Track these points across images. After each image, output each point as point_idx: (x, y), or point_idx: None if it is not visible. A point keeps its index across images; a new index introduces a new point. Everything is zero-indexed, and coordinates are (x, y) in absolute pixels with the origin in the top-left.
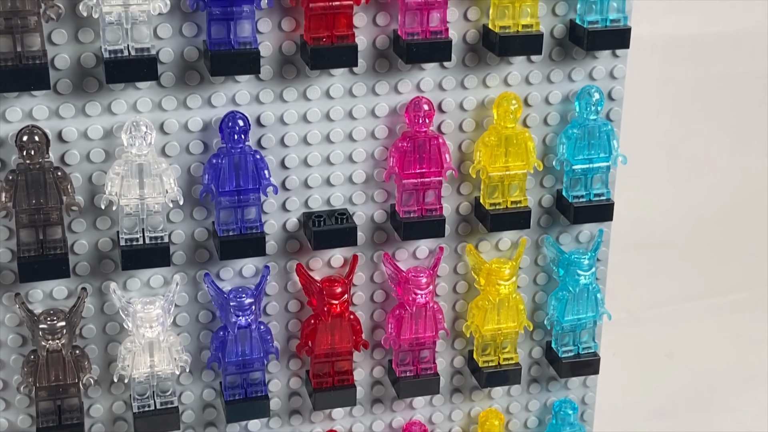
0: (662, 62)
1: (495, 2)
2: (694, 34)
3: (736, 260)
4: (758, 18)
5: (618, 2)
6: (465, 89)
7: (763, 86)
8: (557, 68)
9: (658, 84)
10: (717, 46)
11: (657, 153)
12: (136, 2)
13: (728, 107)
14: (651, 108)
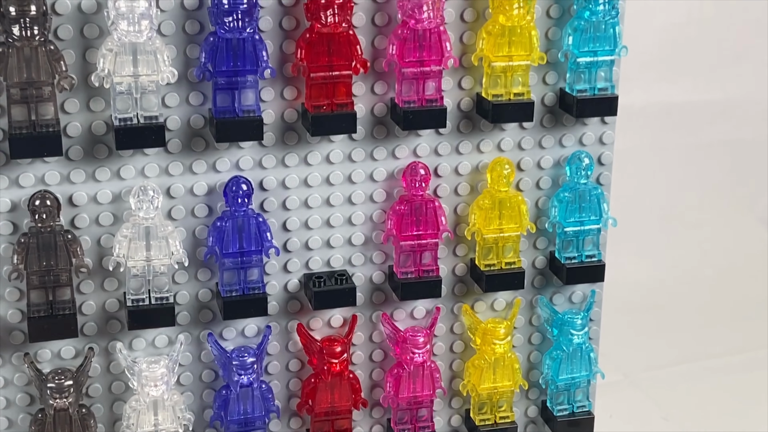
0: (655, 129)
1: (488, 72)
2: (685, 101)
3: (731, 323)
4: (748, 86)
5: (605, 72)
6: (460, 154)
7: (753, 152)
8: (548, 134)
9: (652, 150)
10: (708, 114)
11: (652, 217)
12: (145, 73)
13: (720, 173)
14: (645, 173)
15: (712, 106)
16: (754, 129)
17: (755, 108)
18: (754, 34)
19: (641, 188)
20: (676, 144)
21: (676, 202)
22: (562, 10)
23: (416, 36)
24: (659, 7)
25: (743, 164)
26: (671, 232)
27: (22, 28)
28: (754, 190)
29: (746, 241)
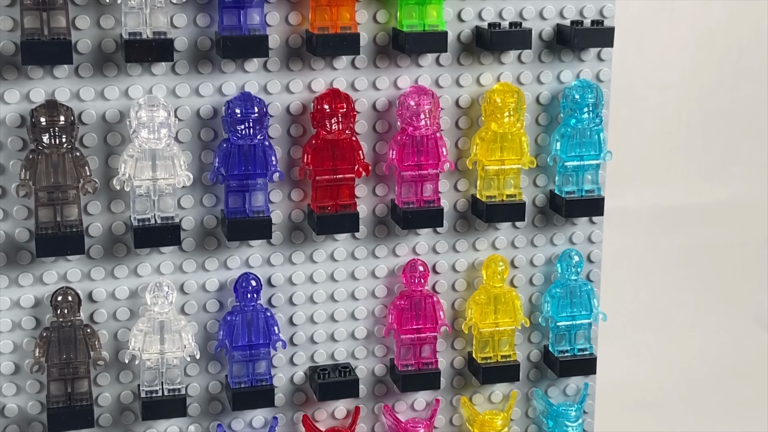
0: (648, 231)
1: (482, 175)
2: (677, 204)
3: (727, 424)
4: (737, 190)
5: (592, 175)
6: (456, 252)
7: (744, 254)
8: (540, 233)
9: (645, 251)
10: (699, 217)
11: (647, 317)
12: (163, 177)
13: (712, 274)
14: (640, 274)
15: (702, 209)
16: (744, 231)
17: (745, 211)
18: (741, 140)
19: (636, 289)
20: (668, 246)
21: (670, 303)
22: (550, 117)
23: (414, 142)
24: (649, 113)
25: (735, 266)
26: (666, 332)
27: (52, 136)
28: (747, 291)
29: (741, 342)
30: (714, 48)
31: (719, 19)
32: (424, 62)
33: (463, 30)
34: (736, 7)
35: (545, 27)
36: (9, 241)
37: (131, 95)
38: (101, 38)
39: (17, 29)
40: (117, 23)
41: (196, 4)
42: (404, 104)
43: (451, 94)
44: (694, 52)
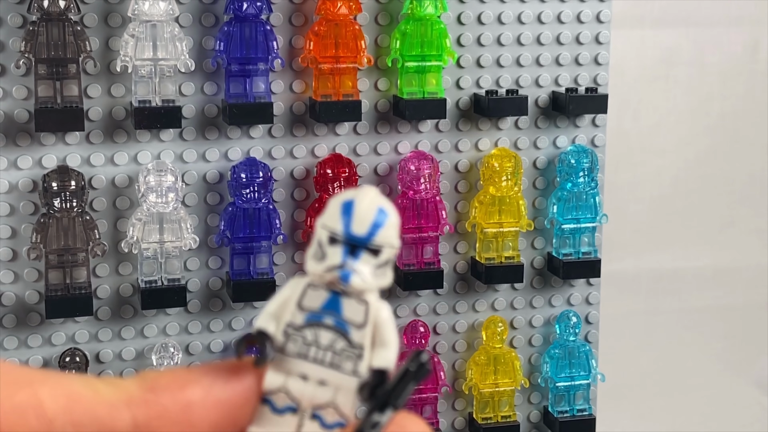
0: (647, 295)
1: (480, 237)
2: (676, 268)
3: None
4: (735, 254)
5: (588, 237)
6: (456, 313)
7: (744, 318)
8: (538, 295)
9: (645, 315)
10: (698, 280)
11: (647, 380)
12: (169, 240)
13: (713, 338)
14: (639, 338)
15: (701, 272)
16: (744, 295)
17: (745, 275)
18: (739, 204)
19: (636, 352)
20: (668, 309)
21: (670, 366)
22: (547, 181)
23: (415, 205)
24: (648, 178)
25: (735, 330)
26: (666, 395)
27: (63, 201)
28: (747, 355)
29: (742, 406)
30: (710, 114)
31: (714, 85)
32: (424, 128)
33: (462, 97)
34: (730, 74)
35: (541, 94)
36: (19, 303)
37: (140, 160)
38: (112, 106)
39: (31, 98)
40: (127, 91)
41: (204, 73)
42: (405, 169)
43: (450, 158)
44: (690, 118)
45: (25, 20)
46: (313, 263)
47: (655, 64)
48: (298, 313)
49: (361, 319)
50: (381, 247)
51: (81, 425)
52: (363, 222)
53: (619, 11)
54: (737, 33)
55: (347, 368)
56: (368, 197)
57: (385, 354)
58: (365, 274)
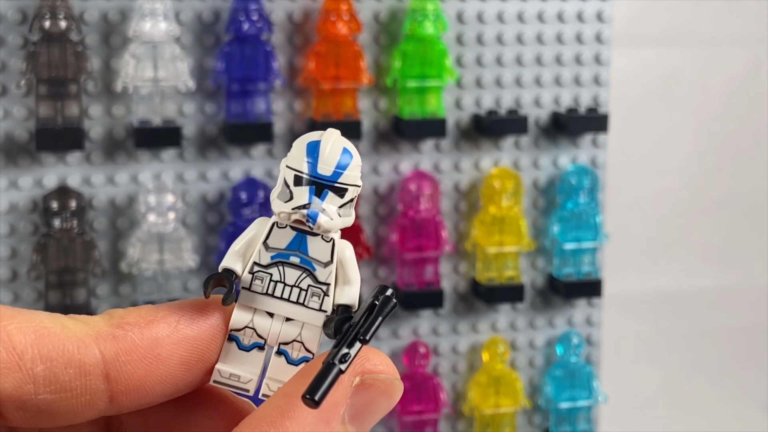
0: (651, 316)
1: (481, 257)
2: (679, 289)
3: None
4: (739, 275)
5: (589, 257)
6: (457, 334)
7: (749, 340)
8: (540, 315)
9: (648, 336)
10: (702, 301)
11: (651, 402)
12: (169, 260)
13: (717, 360)
14: (642, 359)
15: (704, 293)
16: (748, 316)
17: (748, 296)
18: (742, 225)
19: (639, 373)
20: (671, 330)
21: (673, 387)
22: (548, 201)
23: (415, 225)
24: (650, 198)
25: (740, 351)
26: (669, 416)
27: (63, 221)
28: (751, 377)
29: (745, 427)
30: (712, 134)
31: (716, 105)
32: (425, 148)
33: (462, 117)
34: (732, 93)
35: (542, 114)
36: None
37: (140, 180)
38: (112, 126)
39: (31, 118)
40: (128, 111)
41: (204, 93)
42: (405, 188)
43: (450, 178)
44: (692, 138)
45: (26, 41)
46: (280, 203)
47: (657, 84)
48: (264, 252)
49: (327, 258)
50: (346, 187)
51: (49, 359)
52: (328, 162)
53: (621, 31)
54: (739, 53)
55: (313, 305)
56: (332, 138)
57: (349, 291)
58: (332, 213)
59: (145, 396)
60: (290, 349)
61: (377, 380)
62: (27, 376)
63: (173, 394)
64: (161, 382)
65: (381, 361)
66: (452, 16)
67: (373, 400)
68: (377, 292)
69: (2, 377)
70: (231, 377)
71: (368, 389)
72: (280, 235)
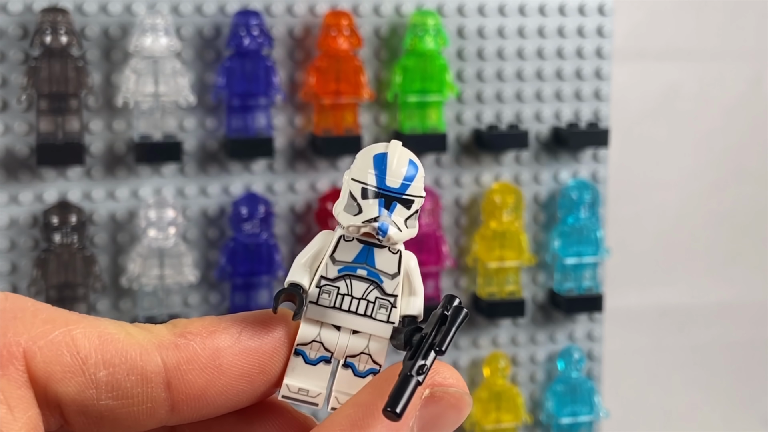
0: (652, 331)
1: (482, 272)
2: (680, 304)
3: None
4: (741, 289)
5: (590, 272)
6: (459, 349)
7: (750, 354)
8: (540, 330)
9: (650, 351)
10: (703, 316)
11: (653, 417)
12: (170, 275)
13: (718, 374)
14: (643, 373)
15: (706, 308)
16: (749, 331)
17: (749, 311)
18: (743, 240)
19: (641, 388)
20: (673, 345)
21: (675, 402)
22: (549, 216)
23: (416, 240)
24: (651, 213)
25: (741, 366)
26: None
27: (63, 236)
28: (753, 392)
29: None
30: (713, 149)
31: (717, 120)
32: (426, 163)
33: (463, 131)
34: (733, 108)
35: (542, 128)
36: None
37: (141, 195)
38: (113, 141)
39: (32, 133)
40: (128, 126)
41: (205, 108)
42: None
43: (451, 193)
44: (693, 152)
45: (27, 56)
46: (348, 216)
47: (658, 98)
48: (331, 265)
49: (394, 269)
50: (413, 199)
51: (112, 365)
52: (396, 175)
53: (621, 45)
54: (739, 67)
55: (381, 317)
56: (398, 150)
57: (415, 301)
58: (400, 225)
59: (206, 406)
60: (357, 361)
61: (447, 393)
62: (89, 380)
63: (235, 406)
64: (222, 393)
65: (451, 375)
66: (453, 31)
67: (442, 414)
68: (446, 302)
69: (66, 381)
70: (300, 392)
71: (438, 402)
72: (346, 248)
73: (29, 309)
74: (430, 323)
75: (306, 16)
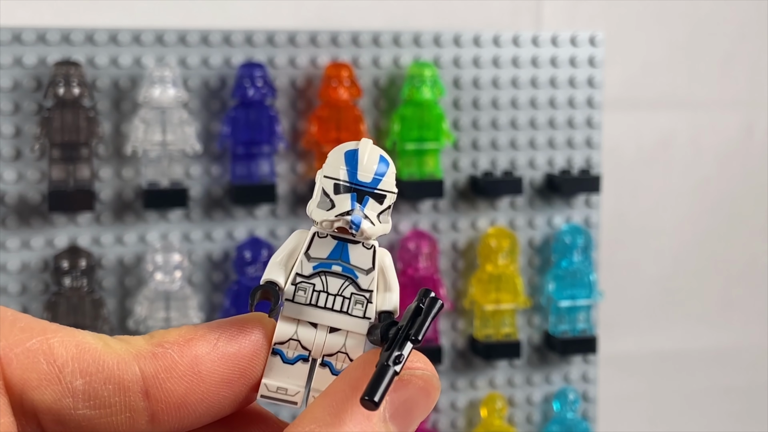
0: (650, 376)
1: (479, 314)
2: (679, 349)
3: None
4: (738, 334)
5: (584, 315)
6: (456, 390)
7: (748, 399)
8: (536, 371)
9: (649, 397)
10: (701, 361)
11: None
12: (175, 317)
13: (717, 420)
14: (641, 418)
15: (703, 353)
16: (746, 376)
17: (746, 356)
18: (738, 285)
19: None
20: (670, 390)
21: None
22: (543, 260)
23: (414, 282)
24: (647, 259)
25: (739, 412)
26: None
27: (73, 279)
28: None
29: None
30: (707, 196)
31: (711, 167)
32: (423, 208)
33: (459, 178)
34: (726, 156)
35: (536, 175)
36: None
37: (148, 240)
38: (122, 188)
39: (44, 180)
40: (136, 174)
41: (210, 156)
42: (405, 247)
43: (448, 237)
44: (688, 199)
45: (40, 107)
46: (321, 212)
47: (651, 146)
48: (306, 262)
49: (369, 264)
50: (385, 193)
51: (89, 374)
52: (368, 169)
53: (614, 94)
54: (732, 116)
55: (357, 312)
56: (369, 146)
57: (390, 297)
58: (373, 219)
59: (187, 415)
60: (335, 360)
61: (414, 376)
62: (66, 389)
63: (217, 413)
64: (203, 401)
65: (419, 359)
66: (449, 82)
67: (411, 398)
68: (421, 296)
69: (42, 389)
70: (278, 390)
71: (406, 385)
72: (321, 244)
73: (8, 318)
74: (406, 316)
75: (308, 67)
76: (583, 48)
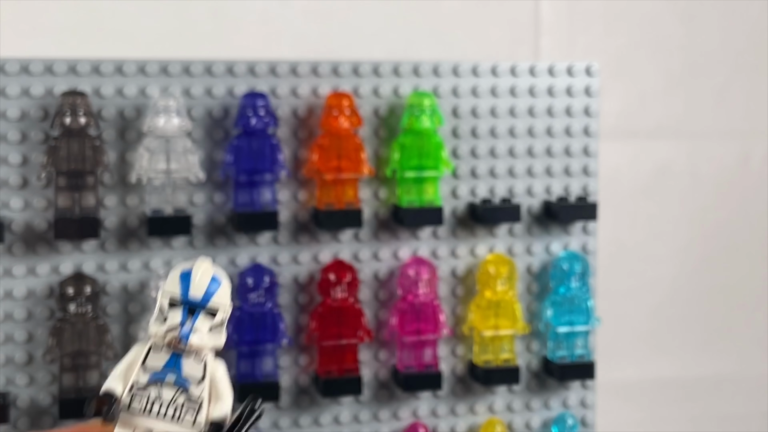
0: (649, 404)
1: (477, 340)
2: (677, 377)
3: None
4: (737, 362)
5: (582, 341)
6: (456, 416)
7: (748, 427)
8: (535, 397)
9: (650, 425)
10: (700, 389)
11: None
12: None
13: None
14: None
15: (702, 381)
16: (745, 404)
17: (745, 384)
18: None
19: None
20: (669, 418)
21: None
22: (541, 286)
23: (414, 309)
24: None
25: None
26: None
27: (78, 305)
28: None
29: None
30: (705, 224)
31: (708, 196)
32: (423, 235)
33: (458, 205)
34: (724, 185)
35: (533, 202)
36: (33, 406)
37: (152, 267)
38: (126, 215)
39: (50, 208)
40: (141, 202)
41: (213, 184)
42: (404, 274)
43: (447, 264)
44: (686, 228)
45: (47, 136)
46: (156, 326)
47: (648, 175)
48: (142, 373)
49: (200, 375)
50: (216, 309)
51: None
52: (199, 287)
53: (612, 123)
54: (729, 145)
55: (188, 420)
56: (203, 267)
57: (220, 406)
58: (203, 333)
59: None
60: None
61: None
62: None
63: None
64: None
65: None
66: (447, 111)
67: None
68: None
69: None
70: None
71: None
72: (157, 356)
73: None
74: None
75: (309, 97)
76: (579, 78)
